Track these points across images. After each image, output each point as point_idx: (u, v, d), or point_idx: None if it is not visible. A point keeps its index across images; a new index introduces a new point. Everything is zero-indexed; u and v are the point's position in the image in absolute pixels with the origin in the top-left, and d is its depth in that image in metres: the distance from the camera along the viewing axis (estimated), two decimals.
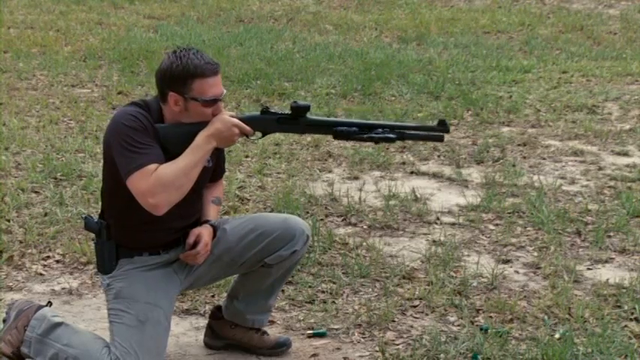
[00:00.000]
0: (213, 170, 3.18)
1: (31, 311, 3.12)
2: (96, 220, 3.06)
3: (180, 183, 2.84)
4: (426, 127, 3.16)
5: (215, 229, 3.15)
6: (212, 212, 3.21)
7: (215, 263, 3.18)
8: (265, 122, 3.05)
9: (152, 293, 2.99)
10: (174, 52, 2.94)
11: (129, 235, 3.02)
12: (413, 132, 3.11)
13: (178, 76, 2.88)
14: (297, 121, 3.06)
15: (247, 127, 2.97)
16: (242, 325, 3.39)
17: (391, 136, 3.04)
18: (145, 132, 2.87)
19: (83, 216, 3.23)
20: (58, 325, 3.06)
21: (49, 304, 3.24)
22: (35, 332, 3.07)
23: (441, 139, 3.13)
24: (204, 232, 3.10)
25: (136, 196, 2.82)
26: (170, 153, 2.89)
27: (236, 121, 2.95)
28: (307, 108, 3.06)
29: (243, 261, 3.19)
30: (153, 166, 2.82)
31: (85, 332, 3.11)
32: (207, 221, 3.15)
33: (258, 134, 3.06)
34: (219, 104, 2.95)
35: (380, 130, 3.04)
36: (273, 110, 3.08)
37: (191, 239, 3.07)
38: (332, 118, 3.17)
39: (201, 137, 2.90)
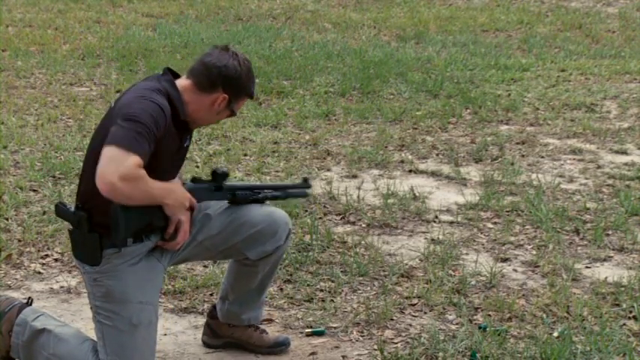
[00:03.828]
0: None
1: (13, 314, 3.07)
2: (72, 210, 2.93)
3: (137, 198, 2.75)
4: (294, 186, 3.49)
5: (192, 209, 3.06)
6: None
7: (196, 248, 3.15)
8: (202, 191, 3.08)
9: (142, 290, 2.94)
10: (244, 61, 2.97)
11: None
12: (292, 190, 3.38)
13: (242, 87, 2.98)
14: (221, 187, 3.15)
15: (194, 201, 3.00)
16: (238, 324, 3.39)
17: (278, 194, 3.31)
18: (158, 128, 2.78)
19: (56, 203, 3.10)
20: (40, 332, 3.02)
21: (29, 300, 3.17)
22: (20, 339, 3.04)
23: (305, 195, 3.48)
24: (183, 218, 3.00)
25: (106, 164, 2.65)
26: (157, 166, 2.84)
27: (190, 198, 2.97)
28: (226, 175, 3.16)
29: (223, 248, 3.17)
30: (141, 161, 2.70)
31: (69, 338, 3.03)
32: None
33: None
34: None
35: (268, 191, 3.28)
36: (203, 178, 3.16)
37: (171, 228, 2.98)
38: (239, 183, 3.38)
39: (173, 188, 2.89)
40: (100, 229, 2.89)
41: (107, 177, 2.64)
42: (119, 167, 2.64)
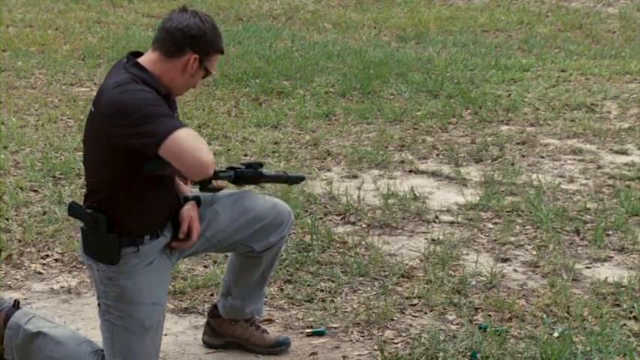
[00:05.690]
0: None
1: (0, 318, 3.05)
2: (88, 210, 2.90)
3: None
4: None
5: (198, 202, 3.08)
6: (183, 186, 3.12)
7: (205, 243, 3.15)
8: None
9: (156, 291, 2.95)
10: (205, 17, 2.90)
11: (135, 220, 2.87)
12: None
13: (210, 44, 2.90)
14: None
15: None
16: (242, 318, 3.39)
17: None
18: (161, 102, 2.81)
19: (68, 202, 3.09)
20: (35, 335, 3.00)
21: (16, 303, 3.13)
22: (14, 342, 3.02)
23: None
24: (194, 215, 3.02)
25: (186, 153, 2.70)
26: None
27: None
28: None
29: (230, 242, 3.17)
30: (188, 129, 2.75)
31: (66, 341, 3.01)
32: (186, 198, 3.07)
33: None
34: None
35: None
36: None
37: (185, 227, 2.99)
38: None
39: None
40: (119, 228, 2.87)
41: (200, 159, 2.71)
42: (196, 147, 2.71)
